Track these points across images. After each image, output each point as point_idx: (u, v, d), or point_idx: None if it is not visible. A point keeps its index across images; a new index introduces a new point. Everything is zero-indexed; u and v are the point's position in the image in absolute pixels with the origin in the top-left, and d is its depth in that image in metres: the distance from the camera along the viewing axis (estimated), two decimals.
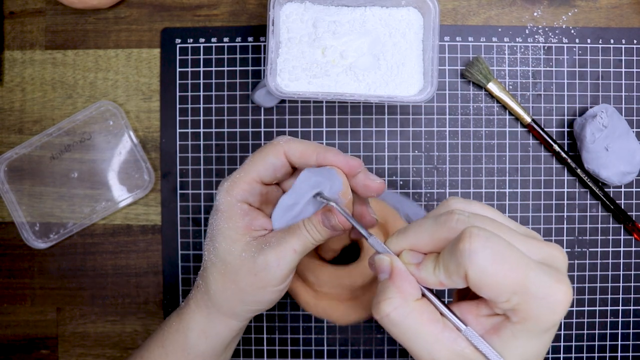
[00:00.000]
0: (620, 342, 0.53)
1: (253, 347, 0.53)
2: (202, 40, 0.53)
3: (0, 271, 0.54)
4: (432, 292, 0.30)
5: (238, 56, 0.53)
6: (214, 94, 0.53)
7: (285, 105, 0.53)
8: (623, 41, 0.53)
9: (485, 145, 0.53)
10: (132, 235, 0.54)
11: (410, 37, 0.49)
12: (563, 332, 0.53)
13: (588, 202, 0.53)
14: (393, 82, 0.48)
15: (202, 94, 0.53)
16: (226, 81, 0.53)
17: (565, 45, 0.53)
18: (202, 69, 0.53)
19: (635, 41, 0.53)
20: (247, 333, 0.53)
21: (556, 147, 0.52)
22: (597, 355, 0.53)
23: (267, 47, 0.47)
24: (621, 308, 0.53)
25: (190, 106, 0.53)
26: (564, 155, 0.52)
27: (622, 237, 0.53)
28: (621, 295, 0.53)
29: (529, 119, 0.52)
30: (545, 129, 0.52)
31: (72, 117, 0.53)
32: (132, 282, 0.54)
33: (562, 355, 0.53)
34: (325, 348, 0.53)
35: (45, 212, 0.53)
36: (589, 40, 0.53)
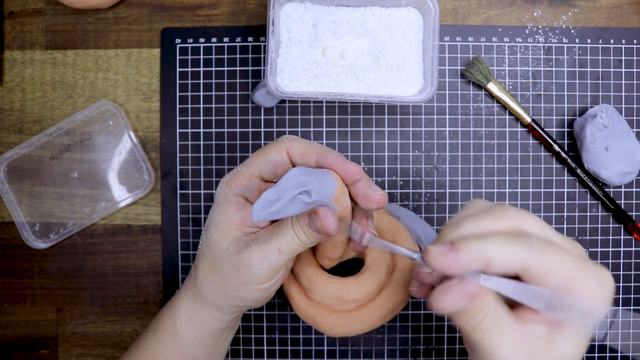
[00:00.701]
0: (620, 342, 0.53)
1: (253, 347, 0.53)
2: (202, 40, 0.53)
3: (0, 271, 0.54)
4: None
5: (238, 56, 0.53)
6: (214, 94, 0.53)
7: (285, 105, 0.53)
8: (623, 41, 0.53)
9: (485, 145, 0.53)
10: (132, 235, 0.54)
11: (410, 37, 0.49)
12: None
13: (588, 202, 0.53)
14: (393, 82, 0.48)
15: (202, 94, 0.53)
16: (226, 81, 0.53)
17: (565, 45, 0.53)
18: (202, 69, 0.53)
19: (635, 41, 0.53)
20: (247, 333, 0.53)
21: (556, 147, 0.52)
22: (597, 355, 0.53)
23: (267, 47, 0.47)
24: (621, 308, 0.53)
25: (190, 106, 0.53)
26: (564, 155, 0.52)
27: (622, 237, 0.53)
28: (621, 296, 0.53)
29: (529, 119, 0.52)
30: (545, 129, 0.52)
31: (72, 117, 0.53)
32: (132, 282, 0.54)
33: None
34: (325, 348, 0.53)
35: (45, 212, 0.53)
36: (589, 40, 0.53)
